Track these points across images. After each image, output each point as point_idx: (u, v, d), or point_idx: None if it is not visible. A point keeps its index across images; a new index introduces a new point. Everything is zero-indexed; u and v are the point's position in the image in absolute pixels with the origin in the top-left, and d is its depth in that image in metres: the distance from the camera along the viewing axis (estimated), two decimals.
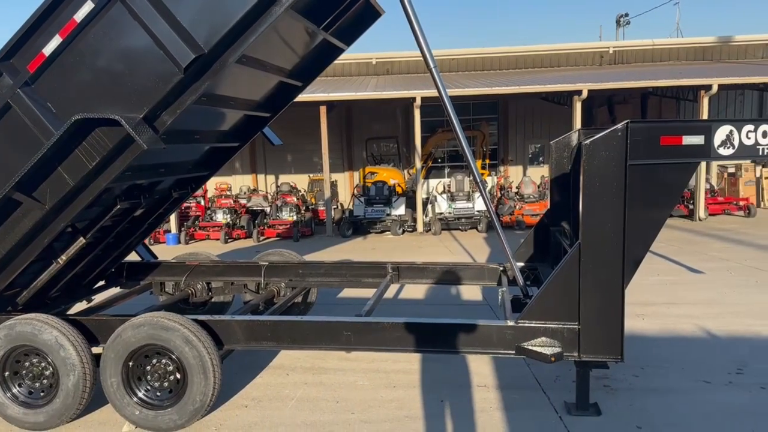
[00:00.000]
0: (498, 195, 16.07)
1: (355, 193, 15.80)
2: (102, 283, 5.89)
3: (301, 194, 16.17)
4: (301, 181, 18.02)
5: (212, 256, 6.45)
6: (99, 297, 5.73)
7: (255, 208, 15.20)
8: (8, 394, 4.08)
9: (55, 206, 3.81)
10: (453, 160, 19.70)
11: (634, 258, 3.67)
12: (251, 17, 3.36)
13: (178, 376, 3.95)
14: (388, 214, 14.29)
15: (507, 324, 3.80)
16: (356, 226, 14.46)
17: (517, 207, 14.49)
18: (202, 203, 15.36)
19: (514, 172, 19.31)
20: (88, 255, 4.88)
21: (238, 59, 3.50)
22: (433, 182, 18.09)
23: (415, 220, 14.57)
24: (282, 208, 14.75)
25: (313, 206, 16.30)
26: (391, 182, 15.38)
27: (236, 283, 6.02)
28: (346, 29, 4.50)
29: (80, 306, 5.54)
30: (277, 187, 16.62)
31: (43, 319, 4.01)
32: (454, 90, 13.97)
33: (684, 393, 4.28)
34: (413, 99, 13.92)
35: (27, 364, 4.10)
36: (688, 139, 3.41)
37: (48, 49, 3.45)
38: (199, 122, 4.45)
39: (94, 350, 4.07)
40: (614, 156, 3.44)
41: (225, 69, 3.49)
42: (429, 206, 15.04)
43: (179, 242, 13.91)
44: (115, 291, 5.92)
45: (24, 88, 3.52)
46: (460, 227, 14.27)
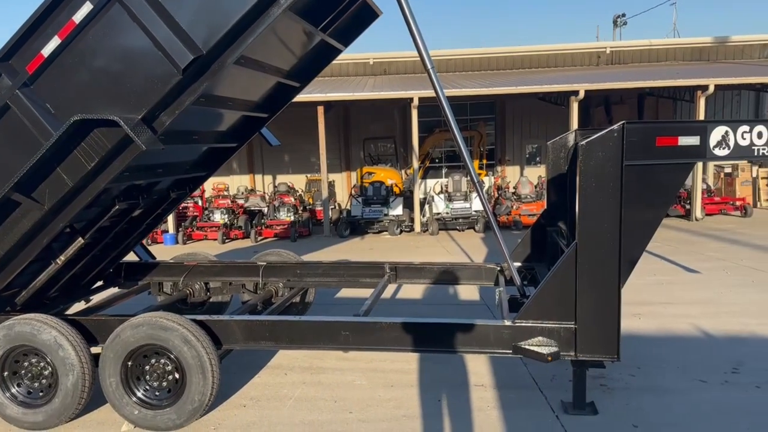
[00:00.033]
0: (495, 195, 16.08)
1: (353, 193, 15.80)
2: (100, 283, 5.89)
3: (298, 194, 16.17)
4: (298, 181, 18.02)
5: (210, 257, 6.45)
6: (97, 297, 5.74)
7: (252, 209, 15.20)
8: (7, 394, 4.09)
9: (53, 207, 3.81)
10: (450, 160, 19.73)
11: (630, 258, 3.70)
12: (249, 18, 3.37)
13: (177, 376, 3.96)
14: (385, 215, 14.29)
15: (504, 323, 3.82)
16: (354, 227, 14.46)
17: (514, 207, 14.51)
18: (200, 203, 15.34)
19: (511, 173, 19.34)
20: (86, 255, 4.89)
21: (237, 60, 3.51)
22: (430, 182, 18.11)
23: (412, 220, 14.59)
24: (279, 209, 14.75)
25: (310, 206, 16.29)
26: (389, 182, 15.37)
27: (234, 283, 6.03)
28: (343, 30, 4.51)
29: (78, 306, 5.55)
30: (275, 187, 16.60)
31: (42, 319, 4.01)
32: (451, 90, 14.00)
33: (680, 392, 4.31)
34: (410, 99, 13.95)
35: (26, 364, 4.11)
36: (683, 140, 3.43)
37: (47, 50, 3.47)
38: (197, 123, 4.47)
39: (92, 350, 4.08)
40: (610, 156, 3.46)
41: (223, 70, 3.50)
42: (426, 206, 15.04)
43: (177, 242, 13.91)
44: (113, 291, 5.92)
45: (23, 89, 3.53)
46: (458, 227, 14.29)
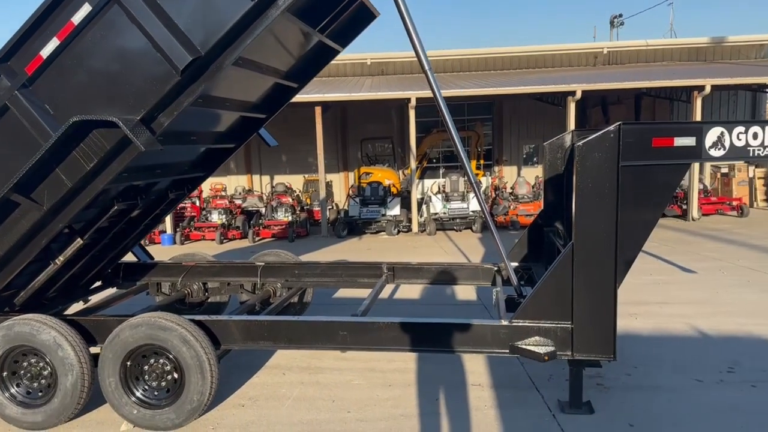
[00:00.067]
0: (492, 195, 16.11)
1: (351, 193, 15.82)
2: (99, 283, 5.90)
3: (296, 195, 16.17)
4: (296, 181, 18.02)
5: (208, 257, 6.47)
6: (96, 297, 5.75)
7: (250, 209, 15.20)
8: (6, 394, 4.09)
9: (52, 207, 3.82)
10: (448, 160, 19.75)
11: (626, 258, 3.72)
12: (248, 20, 3.38)
13: (176, 376, 3.97)
14: (383, 215, 14.30)
15: (501, 323, 3.84)
16: (351, 227, 14.47)
17: (512, 207, 14.55)
18: (198, 204, 15.34)
19: (508, 173, 19.36)
20: (85, 256, 4.89)
21: (235, 61, 3.52)
22: (428, 182, 18.15)
23: (410, 221, 14.61)
24: (277, 209, 14.75)
25: (308, 207, 16.30)
26: (386, 183, 15.40)
27: (233, 283, 6.04)
28: (341, 31, 4.52)
29: (77, 306, 5.55)
30: (272, 187, 16.60)
31: (41, 319, 4.02)
32: (448, 90, 14.02)
33: (676, 391, 4.33)
34: (408, 99, 13.98)
35: (25, 364, 4.12)
36: (679, 141, 3.46)
37: (46, 52, 3.47)
38: (195, 124, 4.48)
39: (92, 350, 4.09)
40: (607, 157, 3.48)
41: (222, 71, 3.51)
42: (424, 206, 15.06)
43: (174, 243, 13.92)
44: (111, 291, 5.93)
45: (22, 90, 3.53)
46: (455, 227, 14.31)
